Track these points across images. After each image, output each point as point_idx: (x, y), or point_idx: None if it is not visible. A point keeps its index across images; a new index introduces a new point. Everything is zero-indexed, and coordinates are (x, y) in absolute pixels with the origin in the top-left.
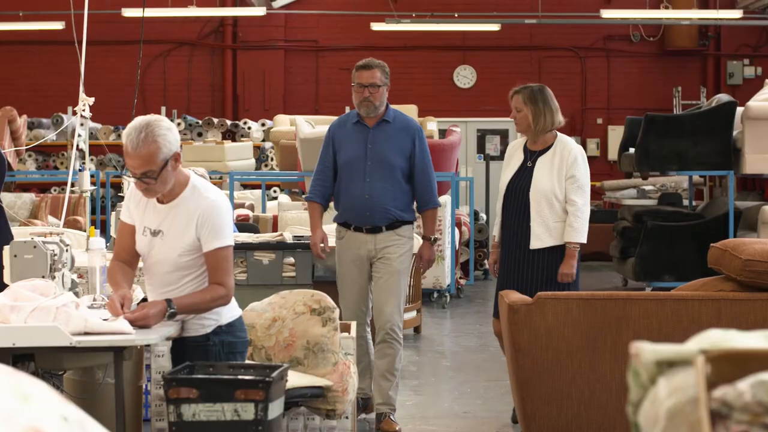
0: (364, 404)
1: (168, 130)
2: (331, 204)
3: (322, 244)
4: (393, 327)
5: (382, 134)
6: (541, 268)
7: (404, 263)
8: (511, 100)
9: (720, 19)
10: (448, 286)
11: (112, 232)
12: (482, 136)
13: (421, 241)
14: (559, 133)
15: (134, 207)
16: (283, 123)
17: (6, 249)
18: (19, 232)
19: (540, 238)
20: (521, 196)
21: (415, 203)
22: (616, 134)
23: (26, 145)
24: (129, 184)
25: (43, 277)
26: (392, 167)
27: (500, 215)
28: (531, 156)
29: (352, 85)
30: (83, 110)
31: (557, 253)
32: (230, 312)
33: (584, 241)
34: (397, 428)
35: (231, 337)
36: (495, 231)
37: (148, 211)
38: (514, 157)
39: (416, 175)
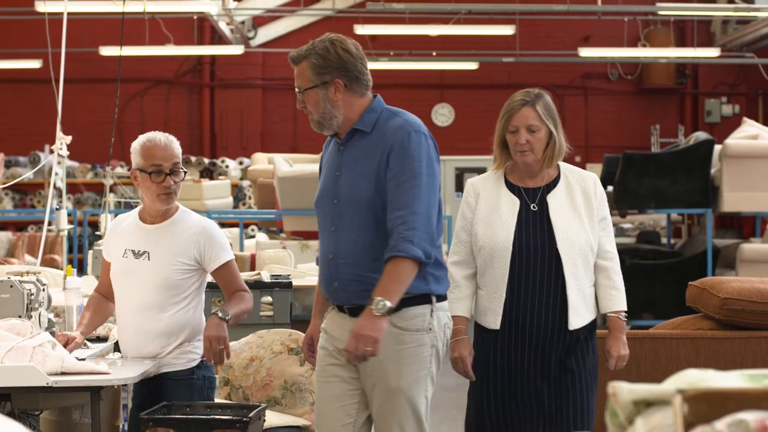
0: None
1: None
2: None
3: (310, 344)
4: None
5: (354, 155)
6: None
7: (410, 374)
8: (515, 114)
9: (698, 57)
10: None
11: (89, 271)
12: (460, 174)
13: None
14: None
15: (114, 236)
16: (260, 161)
17: None
18: None
19: (579, 312)
20: (541, 257)
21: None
22: (594, 172)
23: (3, 184)
24: (108, 221)
25: (20, 316)
26: (367, 207)
27: (469, 285)
28: (531, 196)
29: None
30: (60, 149)
31: (584, 332)
32: None
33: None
34: None
35: (209, 372)
36: (461, 308)
37: (133, 234)
38: (501, 200)
39: (388, 204)
